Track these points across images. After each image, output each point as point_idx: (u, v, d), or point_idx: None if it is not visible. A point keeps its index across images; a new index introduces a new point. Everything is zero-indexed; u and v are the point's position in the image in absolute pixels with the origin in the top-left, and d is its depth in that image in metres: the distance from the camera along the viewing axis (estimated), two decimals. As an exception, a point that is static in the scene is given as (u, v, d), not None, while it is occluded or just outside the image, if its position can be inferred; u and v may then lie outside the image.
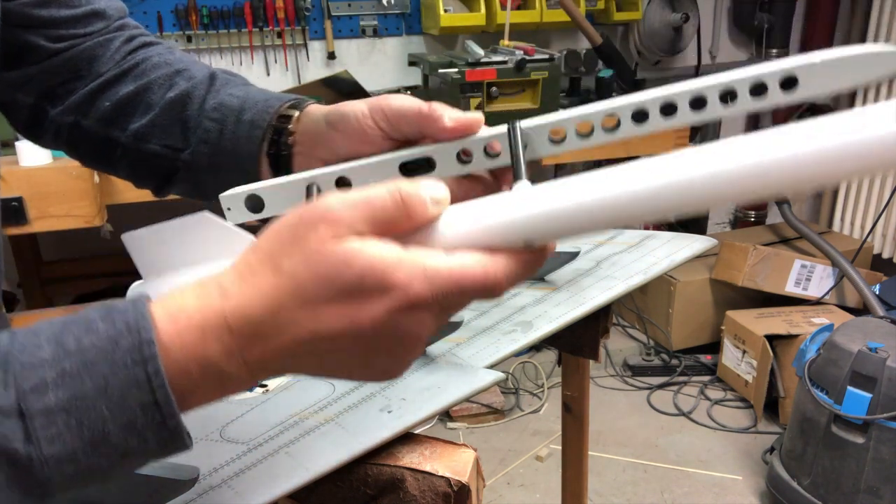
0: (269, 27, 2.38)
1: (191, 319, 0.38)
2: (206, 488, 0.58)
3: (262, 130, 0.60)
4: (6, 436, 0.34)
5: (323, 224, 0.38)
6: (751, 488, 2.10)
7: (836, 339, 1.82)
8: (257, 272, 0.39)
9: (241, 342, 0.39)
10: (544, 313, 0.85)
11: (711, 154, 0.37)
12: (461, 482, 0.58)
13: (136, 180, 0.70)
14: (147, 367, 0.36)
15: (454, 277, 0.39)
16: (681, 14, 2.68)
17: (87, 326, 0.37)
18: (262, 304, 0.38)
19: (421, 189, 0.40)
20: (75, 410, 0.36)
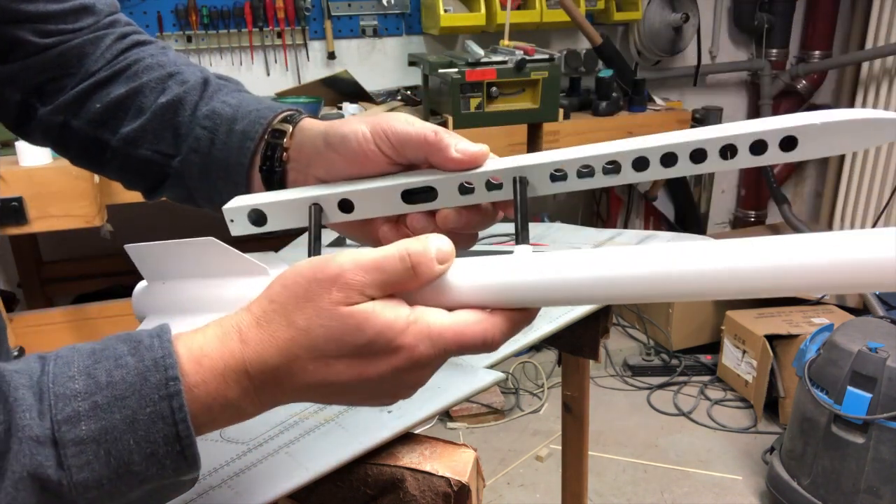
0: (269, 27, 2.38)
1: (214, 363, 0.41)
2: (206, 488, 0.58)
3: (253, 143, 0.59)
4: (41, 463, 0.37)
5: (336, 288, 0.41)
6: (751, 488, 2.10)
7: (836, 339, 1.82)
8: (272, 322, 0.42)
9: (258, 385, 0.42)
10: (544, 313, 0.85)
11: (702, 252, 0.41)
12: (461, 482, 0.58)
13: (126, 183, 0.69)
14: (172, 403, 0.39)
15: (456, 338, 0.43)
16: (681, 14, 2.68)
17: (116, 361, 0.40)
18: (279, 354, 0.42)
19: (429, 249, 0.43)
20: (105, 441, 0.38)
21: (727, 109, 3.07)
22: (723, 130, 0.46)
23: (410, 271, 0.43)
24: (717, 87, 3.09)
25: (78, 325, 1.96)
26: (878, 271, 0.38)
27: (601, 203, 3.05)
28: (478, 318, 0.44)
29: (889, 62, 2.75)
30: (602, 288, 0.43)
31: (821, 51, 3.00)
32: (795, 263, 0.39)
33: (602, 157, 0.49)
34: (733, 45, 3.04)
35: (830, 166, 3.15)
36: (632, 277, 0.42)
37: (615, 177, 0.50)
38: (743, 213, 3.27)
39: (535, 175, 0.51)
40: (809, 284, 0.39)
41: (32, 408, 0.38)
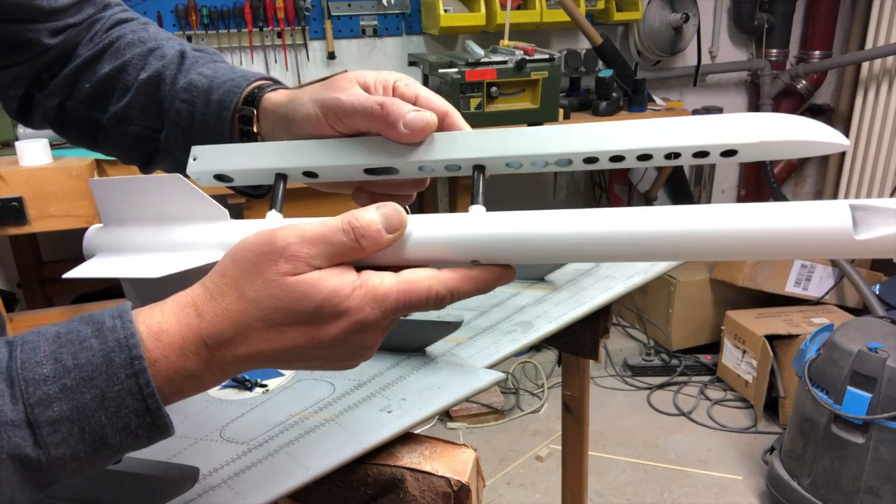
0: (269, 27, 2.38)
1: (173, 339, 0.43)
2: (206, 488, 0.58)
3: (229, 112, 0.61)
4: (19, 444, 0.39)
5: (283, 260, 0.43)
6: (751, 488, 2.10)
7: (836, 339, 1.82)
8: (225, 295, 0.44)
9: (216, 355, 0.44)
10: (544, 313, 0.85)
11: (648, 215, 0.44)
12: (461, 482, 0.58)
13: (122, 159, 0.71)
14: (139, 380, 0.41)
15: (400, 296, 0.45)
16: (681, 14, 2.68)
17: (80, 344, 0.41)
18: (233, 325, 0.44)
19: (374, 221, 0.45)
20: (77, 420, 0.40)
21: (727, 109, 3.07)
22: (670, 140, 0.48)
23: (355, 243, 0.45)
24: (717, 87, 3.09)
25: (78, 325, 1.95)
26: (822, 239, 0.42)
27: (601, 203, 3.05)
28: (421, 276, 0.45)
29: (889, 62, 2.75)
30: (541, 245, 0.45)
31: (821, 51, 3.00)
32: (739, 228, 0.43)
33: (555, 156, 0.51)
34: (733, 45, 3.04)
35: (830, 166, 3.15)
36: (570, 236, 0.45)
37: (568, 167, 0.52)
38: (743, 213, 3.27)
39: (492, 164, 0.53)
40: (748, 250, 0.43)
41: (5, 393, 0.40)
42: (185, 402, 0.72)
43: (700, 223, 0.43)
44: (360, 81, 0.55)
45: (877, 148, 2.84)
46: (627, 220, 0.44)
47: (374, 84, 0.55)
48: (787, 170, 3.18)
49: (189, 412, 0.71)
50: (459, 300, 0.47)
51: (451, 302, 0.46)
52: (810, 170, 3.34)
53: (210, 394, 0.74)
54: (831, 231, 0.42)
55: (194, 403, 0.73)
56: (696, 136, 0.48)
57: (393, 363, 0.74)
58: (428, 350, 0.76)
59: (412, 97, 0.54)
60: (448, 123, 0.54)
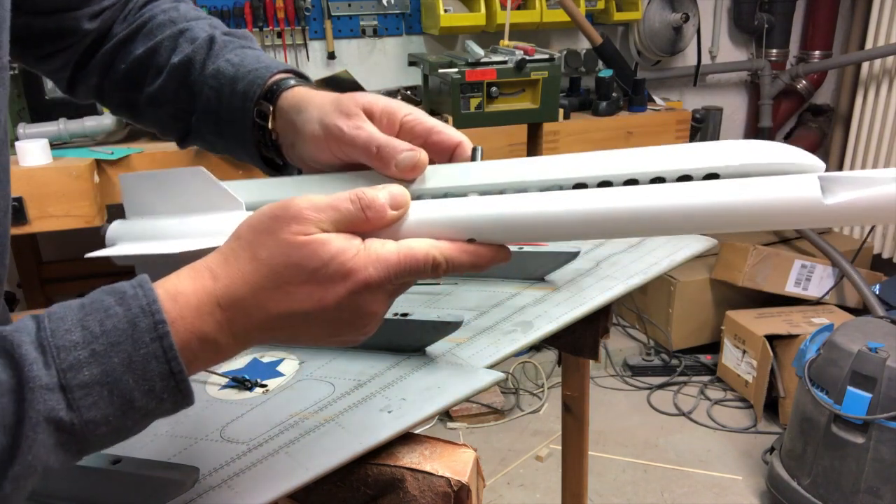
0: (269, 27, 2.38)
1: (188, 299, 0.45)
2: (206, 488, 0.58)
3: (252, 103, 0.64)
4: (53, 407, 0.41)
5: (294, 223, 0.46)
6: (751, 488, 2.10)
7: (836, 339, 1.82)
8: (239, 257, 0.47)
9: (229, 316, 0.46)
10: (544, 313, 0.85)
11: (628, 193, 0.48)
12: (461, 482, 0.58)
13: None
14: (163, 343, 0.43)
15: (401, 261, 0.48)
16: (681, 14, 2.68)
17: (105, 312, 0.44)
18: (245, 285, 0.46)
19: (379, 195, 0.49)
20: (107, 383, 0.42)
21: (727, 109, 3.07)
22: (655, 163, 0.51)
23: (361, 213, 0.48)
24: (717, 87, 3.09)
25: (78, 325, 1.95)
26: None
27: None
28: (420, 244, 0.49)
29: (889, 62, 2.75)
30: (543, 224, 0.49)
31: (821, 51, 3.00)
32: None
33: (547, 182, 0.53)
34: (733, 45, 3.04)
35: (830, 166, 3.15)
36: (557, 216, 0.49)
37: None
38: (743, 213, 3.27)
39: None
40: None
41: (38, 360, 0.41)
42: (185, 402, 0.72)
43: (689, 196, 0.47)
44: (367, 109, 0.58)
45: (877, 148, 2.84)
46: (611, 197, 0.48)
47: (379, 115, 0.58)
48: (787, 170, 3.18)
49: (189, 412, 0.71)
50: (456, 272, 0.50)
51: (447, 272, 0.50)
52: (810, 170, 3.34)
53: (210, 394, 0.74)
54: (802, 199, 0.45)
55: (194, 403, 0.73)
56: (681, 161, 0.50)
57: (393, 363, 0.74)
58: (428, 350, 0.76)
59: (424, 132, 0.57)
60: (459, 153, 0.57)
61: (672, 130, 2.37)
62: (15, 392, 0.41)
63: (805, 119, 3.18)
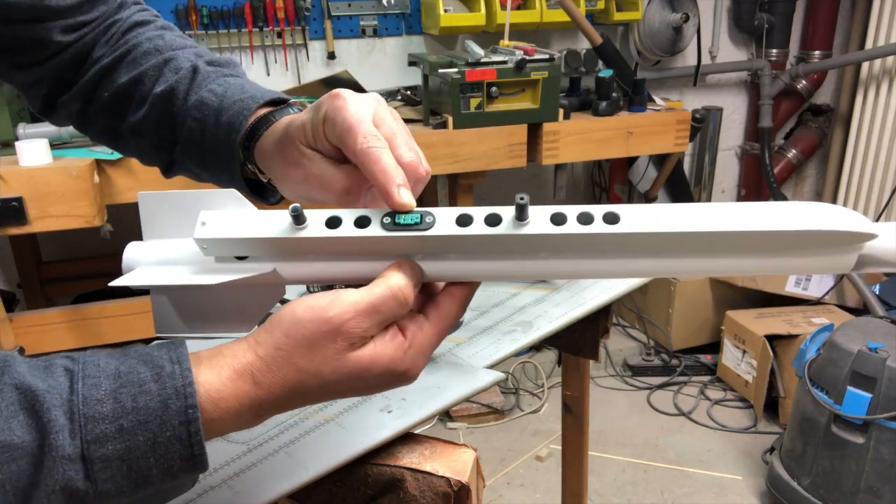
0: (269, 27, 2.38)
1: (230, 405, 0.46)
2: (206, 488, 0.58)
3: (238, 134, 0.62)
4: (71, 477, 0.41)
5: (340, 338, 0.46)
6: (751, 488, 2.10)
7: (836, 339, 1.82)
8: (282, 368, 0.47)
9: (269, 412, 0.48)
10: (544, 313, 0.85)
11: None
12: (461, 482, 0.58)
13: (145, 163, 0.74)
14: (190, 428, 0.44)
15: (440, 336, 0.51)
16: (681, 14, 2.68)
17: (140, 387, 0.44)
18: (291, 391, 0.47)
19: (411, 280, 0.49)
20: (128, 459, 0.43)
21: (727, 109, 3.07)
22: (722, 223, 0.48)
23: (405, 305, 0.48)
24: (717, 87, 3.09)
25: (78, 325, 1.96)
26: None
27: (601, 203, 3.04)
28: (448, 308, 0.51)
29: (889, 62, 2.75)
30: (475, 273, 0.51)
31: (821, 51, 3.00)
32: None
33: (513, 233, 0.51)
34: (733, 45, 3.04)
35: (830, 166, 3.15)
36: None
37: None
38: (743, 213, 3.27)
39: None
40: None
41: (65, 428, 0.41)
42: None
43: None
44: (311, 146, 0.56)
45: (877, 148, 2.84)
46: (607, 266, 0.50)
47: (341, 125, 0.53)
48: (787, 170, 3.18)
49: (189, 412, 0.71)
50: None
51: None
52: (810, 170, 3.34)
53: (210, 394, 0.74)
54: (830, 266, 0.47)
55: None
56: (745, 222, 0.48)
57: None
58: (428, 350, 0.76)
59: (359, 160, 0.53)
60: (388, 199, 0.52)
61: (672, 130, 2.37)
62: (35, 457, 0.40)
63: (805, 119, 3.18)
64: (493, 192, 2.74)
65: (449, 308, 0.51)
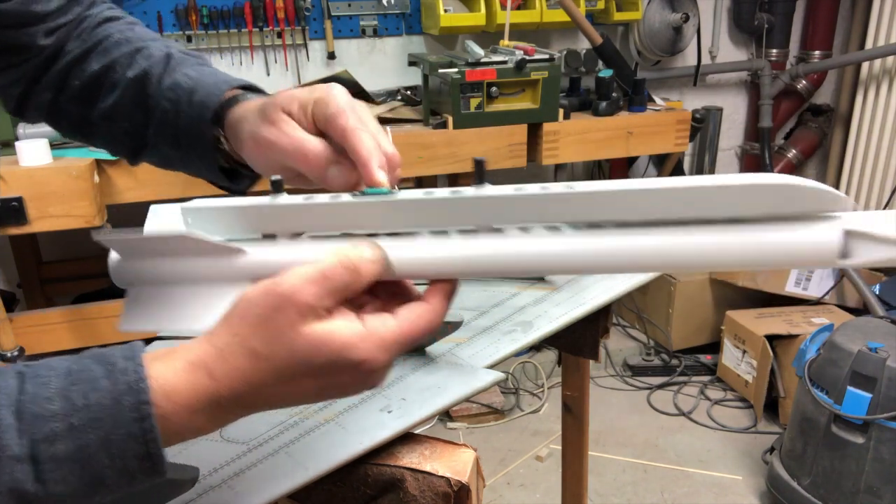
0: (269, 27, 2.38)
1: (184, 399, 0.44)
2: (206, 488, 0.58)
3: (210, 111, 0.64)
4: (19, 479, 0.40)
5: (291, 309, 0.44)
6: (751, 488, 2.10)
7: (836, 339, 1.82)
8: (236, 354, 0.44)
9: (227, 411, 0.46)
10: (544, 313, 0.85)
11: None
12: (461, 482, 0.58)
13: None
14: (143, 424, 0.42)
15: (405, 338, 0.47)
16: (681, 14, 2.68)
17: (91, 384, 0.42)
18: (247, 384, 0.45)
19: (364, 252, 0.47)
20: (80, 459, 0.41)
21: (727, 109, 3.07)
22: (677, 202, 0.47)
23: (355, 274, 0.46)
24: (717, 87, 3.09)
25: (77, 325, 1.96)
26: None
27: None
28: (419, 313, 0.48)
29: (889, 62, 2.75)
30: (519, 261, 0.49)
31: (821, 51, 3.00)
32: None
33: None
34: (733, 45, 3.04)
35: (830, 166, 3.15)
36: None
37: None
38: (743, 213, 3.27)
39: None
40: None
41: (11, 427, 0.40)
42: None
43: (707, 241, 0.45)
44: (287, 110, 0.58)
45: (877, 148, 2.84)
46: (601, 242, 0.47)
47: (297, 114, 0.58)
48: (787, 170, 3.18)
49: (189, 412, 0.71)
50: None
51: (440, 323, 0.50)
52: (810, 170, 3.34)
53: (210, 394, 0.74)
54: (814, 252, 0.43)
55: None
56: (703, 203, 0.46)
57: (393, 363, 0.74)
58: (428, 350, 0.76)
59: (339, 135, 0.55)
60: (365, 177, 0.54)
61: (672, 130, 2.37)
62: None
63: (805, 119, 3.18)
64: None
65: (420, 311, 0.48)
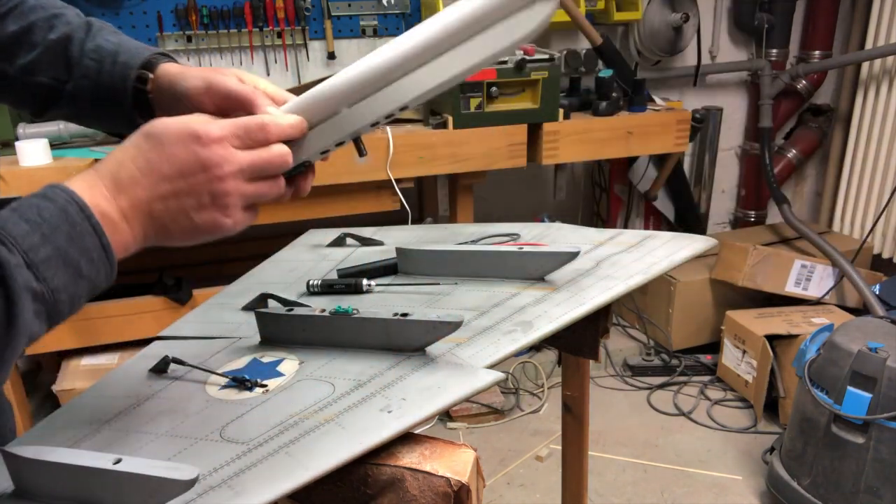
0: (269, 27, 2.38)
1: (87, 184, 0.57)
2: (206, 488, 0.58)
3: (133, 71, 0.75)
4: (27, 280, 0.51)
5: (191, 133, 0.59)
6: (751, 488, 2.10)
7: (836, 339, 1.82)
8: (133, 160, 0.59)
9: (111, 191, 0.58)
10: (544, 313, 0.85)
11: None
12: (461, 482, 0.58)
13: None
14: (91, 221, 0.55)
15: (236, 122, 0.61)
16: (681, 14, 2.68)
17: (37, 207, 0.54)
18: (136, 170, 0.58)
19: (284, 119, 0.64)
20: (59, 256, 0.53)
21: (727, 109, 3.07)
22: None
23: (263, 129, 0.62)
24: (717, 87, 3.09)
25: (78, 325, 1.96)
26: None
27: (601, 203, 3.05)
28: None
29: (889, 62, 2.75)
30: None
31: (821, 51, 3.00)
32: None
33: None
34: (733, 45, 3.04)
35: (830, 166, 3.15)
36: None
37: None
38: (743, 212, 3.28)
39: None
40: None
41: (3, 249, 0.51)
42: (185, 402, 0.72)
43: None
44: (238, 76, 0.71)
45: (877, 148, 2.84)
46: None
47: (247, 79, 0.72)
48: (787, 170, 3.18)
49: (189, 412, 0.71)
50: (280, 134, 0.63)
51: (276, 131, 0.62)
52: (810, 170, 3.34)
53: (210, 394, 0.74)
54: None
55: (194, 403, 0.73)
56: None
57: (393, 363, 0.74)
58: (428, 350, 0.76)
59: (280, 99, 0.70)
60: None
61: (672, 130, 2.37)
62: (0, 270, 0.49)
63: (805, 119, 3.18)
64: (493, 193, 2.74)
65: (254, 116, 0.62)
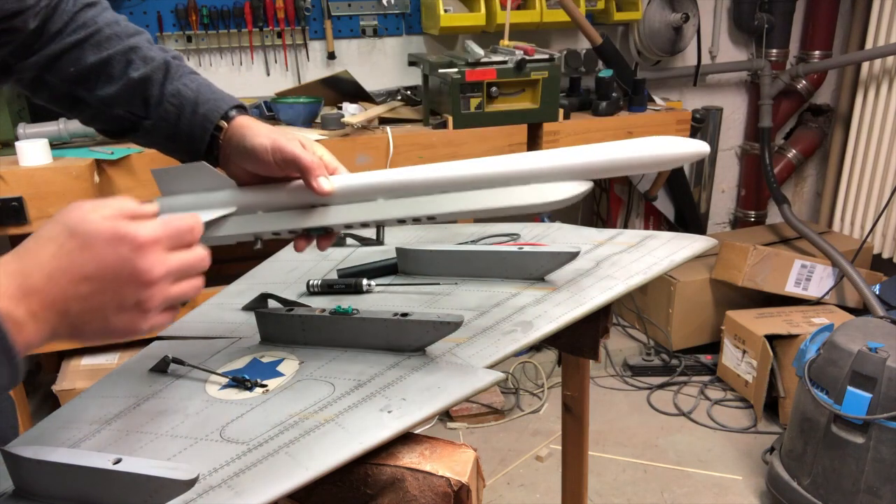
0: (269, 27, 2.38)
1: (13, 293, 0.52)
2: (206, 488, 0.58)
3: (212, 124, 0.80)
4: None
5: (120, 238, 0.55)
6: (751, 488, 2.10)
7: (836, 339, 1.82)
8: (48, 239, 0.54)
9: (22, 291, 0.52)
10: (544, 313, 0.85)
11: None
12: (461, 482, 0.58)
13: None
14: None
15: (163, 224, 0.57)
16: (681, 14, 2.68)
17: None
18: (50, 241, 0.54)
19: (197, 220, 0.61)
20: None
21: (727, 109, 3.07)
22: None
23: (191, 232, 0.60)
24: (717, 87, 3.09)
25: (78, 325, 1.95)
26: None
27: (601, 203, 3.05)
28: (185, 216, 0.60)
29: (889, 62, 2.75)
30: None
31: (821, 51, 3.00)
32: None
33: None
34: (733, 45, 3.04)
35: (830, 166, 3.15)
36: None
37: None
38: (743, 212, 3.28)
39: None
40: None
41: None
42: (185, 402, 0.72)
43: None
44: (301, 142, 0.76)
45: (877, 148, 2.84)
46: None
47: (309, 146, 0.77)
48: (787, 170, 3.18)
49: (189, 412, 0.71)
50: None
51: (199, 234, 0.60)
52: (810, 170, 3.34)
53: (210, 393, 0.74)
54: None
55: (194, 403, 0.73)
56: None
57: (393, 363, 0.74)
58: (428, 350, 0.76)
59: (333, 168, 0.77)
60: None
61: (672, 130, 2.37)
62: None
63: (805, 119, 3.18)
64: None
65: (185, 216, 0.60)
